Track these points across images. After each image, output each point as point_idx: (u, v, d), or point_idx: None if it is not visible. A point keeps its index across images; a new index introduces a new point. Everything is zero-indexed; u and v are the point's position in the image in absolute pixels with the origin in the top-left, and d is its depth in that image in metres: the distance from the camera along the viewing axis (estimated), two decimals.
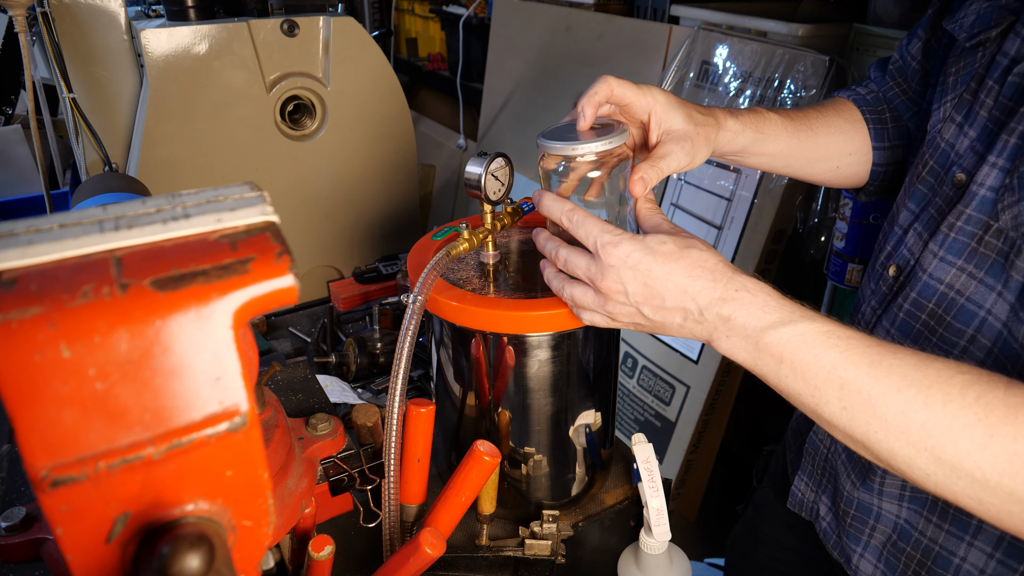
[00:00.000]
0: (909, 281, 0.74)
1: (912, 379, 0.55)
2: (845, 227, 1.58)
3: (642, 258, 0.64)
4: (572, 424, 0.85)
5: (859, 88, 0.95)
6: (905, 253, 0.76)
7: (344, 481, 0.71)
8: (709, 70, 1.83)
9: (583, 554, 0.90)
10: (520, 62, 2.49)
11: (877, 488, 0.78)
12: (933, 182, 0.75)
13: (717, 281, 0.62)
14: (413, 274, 0.81)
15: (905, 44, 0.91)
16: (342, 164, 1.73)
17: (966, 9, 0.75)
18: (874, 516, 0.79)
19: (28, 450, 0.31)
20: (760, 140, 0.83)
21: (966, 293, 0.68)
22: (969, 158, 0.70)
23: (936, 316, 0.71)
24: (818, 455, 0.89)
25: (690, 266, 0.63)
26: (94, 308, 0.30)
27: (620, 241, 0.65)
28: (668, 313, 0.64)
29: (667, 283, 0.63)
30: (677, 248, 0.64)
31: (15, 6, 1.33)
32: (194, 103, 1.51)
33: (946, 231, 0.70)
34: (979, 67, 0.72)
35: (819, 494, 0.88)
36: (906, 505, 0.76)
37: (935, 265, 0.71)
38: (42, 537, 0.55)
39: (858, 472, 0.80)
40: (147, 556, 0.33)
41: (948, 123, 0.74)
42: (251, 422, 0.35)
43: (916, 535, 0.75)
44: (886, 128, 0.91)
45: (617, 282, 0.65)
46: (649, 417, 2.01)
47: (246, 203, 0.37)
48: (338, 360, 1.20)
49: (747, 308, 0.61)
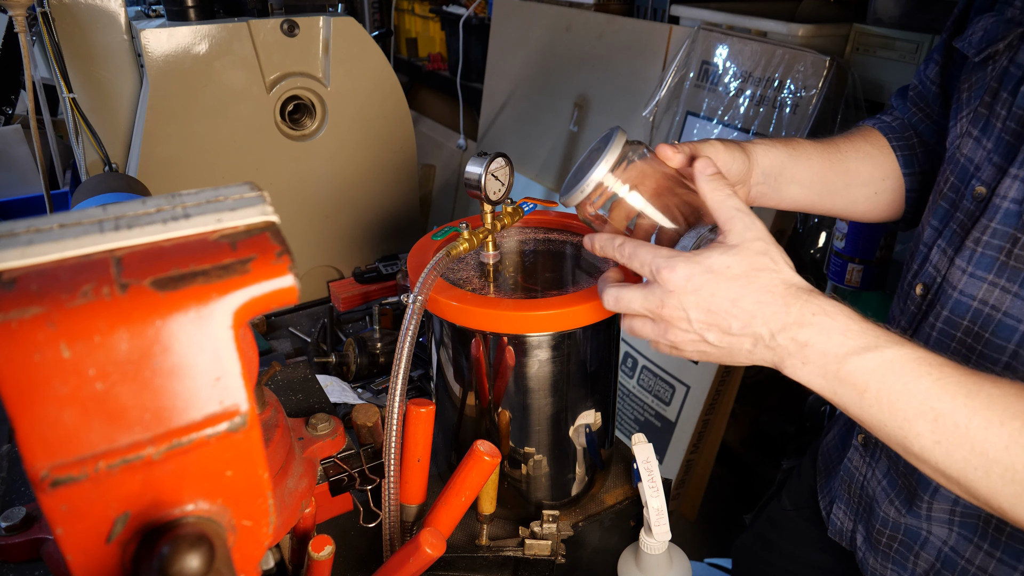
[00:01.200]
0: (939, 299, 0.73)
1: (1017, 411, 0.51)
2: (845, 227, 1.58)
3: (704, 282, 0.59)
4: (572, 424, 0.85)
5: (884, 116, 0.94)
6: (931, 271, 0.75)
7: (344, 481, 0.71)
8: (709, 70, 1.83)
9: (583, 554, 0.90)
10: (520, 62, 2.49)
11: (925, 513, 0.76)
12: (954, 197, 0.74)
13: (791, 305, 0.58)
14: (413, 274, 0.81)
15: (923, 69, 0.90)
16: (342, 164, 1.73)
17: (974, 26, 0.75)
18: (920, 543, 0.77)
19: (28, 450, 0.31)
20: (795, 156, 0.80)
21: (1002, 308, 0.66)
22: (988, 171, 0.69)
23: (973, 333, 0.69)
24: (854, 483, 0.87)
25: (758, 290, 0.58)
26: (94, 308, 0.30)
27: (676, 264, 0.60)
28: (736, 339, 0.60)
29: (733, 308, 0.59)
30: (743, 270, 0.59)
31: (15, 6, 1.33)
32: (194, 103, 1.51)
33: (972, 246, 0.69)
34: (991, 81, 0.72)
35: (856, 523, 0.87)
36: (956, 530, 0.74)
37: (965, 281, 0.69)
38: (42, 537, 0.55)
39: (903, 498, 0.78)
40: (147, 556, 0.33)
41: (966, 138, 0.73)
42: (251, 422, 0.35)
43: (963, 563, 0.73)
44: (915, 153, 0.89)
45: (678, 308, 0.60)
46: (649, 417, 2.01)
47: (246, 203, 0.37)
48: (338, 360, 1.20)
49: (827, 333, 0.56)
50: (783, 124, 1.67)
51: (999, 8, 0.73)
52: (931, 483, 0.73)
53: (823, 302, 0.58)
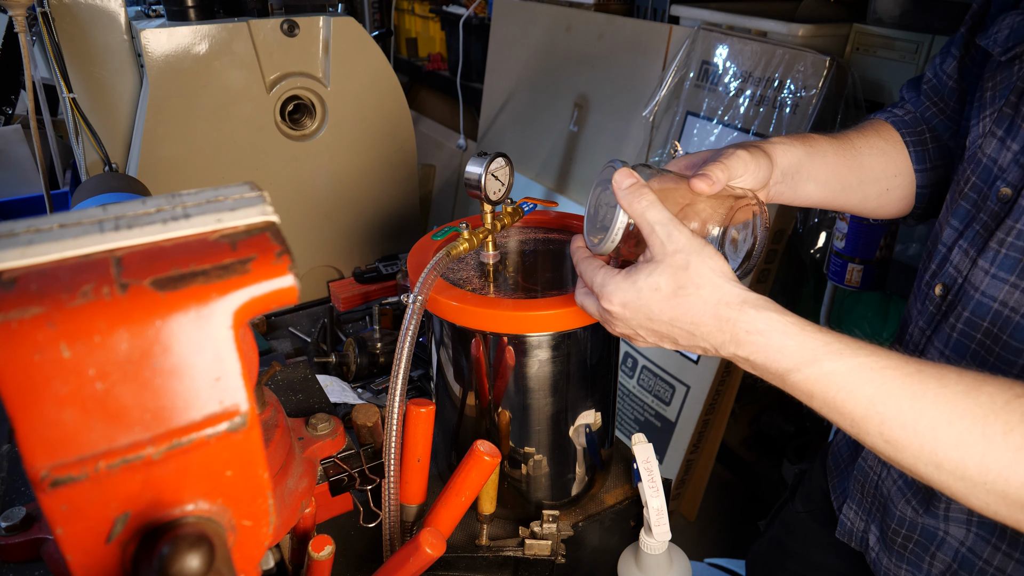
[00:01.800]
0: (960, 300, 0.72)
1: (963, 410, 0.52)
2: (845, 227, 1.58)
3: (640, 306, 0.62)
4: (572, 424, 0.85)
5: (896, 110, 0.93)
6: (951, 271, 0.74)
7: (344, 481, 0.71)
8: (709, 70, 1.83)
9: (583, 554, 0.90)
10: (520, 62, 2.49)
11: (943, 513, 0.75)
12: (976, 198, 0.73)
13: (723, 327, 0.59)
14: (413, 274, 0.81)
15: (939, 63, 0.89)
16: (342, 164, 1.73)
17: (999, 24, 0.74)
18: (937, 543, 0.77)
19: (28, 450, 0.31)
20: (812, 154, 0.80)
21: (1021, 310, 0.66)
22: (1014, 172, 0.69)
23: (992, 335, 0.69)
24: (868, 483, 0.86)
25: (688, 311, 0.60)
26: (94, 308, 0.30)
27: (611, 290, 0.63)
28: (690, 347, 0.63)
29: (673, 328, 0.61)
30: (670, 289, 0.60)
31: (15, 6, 1.33)
32: (194, 103, 1.51)
33: (996, 247, 0.68)
34: (1017, 80, 0.71)
35: (869, 523, 0.87)
36: (974, 530, 0.73)
37: (987, 283, 0.69)
38: (42, 537, 0.55)
39: (920, 498, 0.78)
40: (147, 556, 0.33)
41: (989, 138, 0.73)
42: (251, 422, 0.35)
43: (981, 564, 0.73)
44: (927, 149, 0.89)
45: (626, 327, 0.64)
46: (649, 417, 2.01)
47: (246, 203, 0.37)
48: (338, 360, 1.20)
49: (763, 351, 0.58)
50: (783, 124, 1.67)
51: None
52: None
53: (755, 319, 0.58)
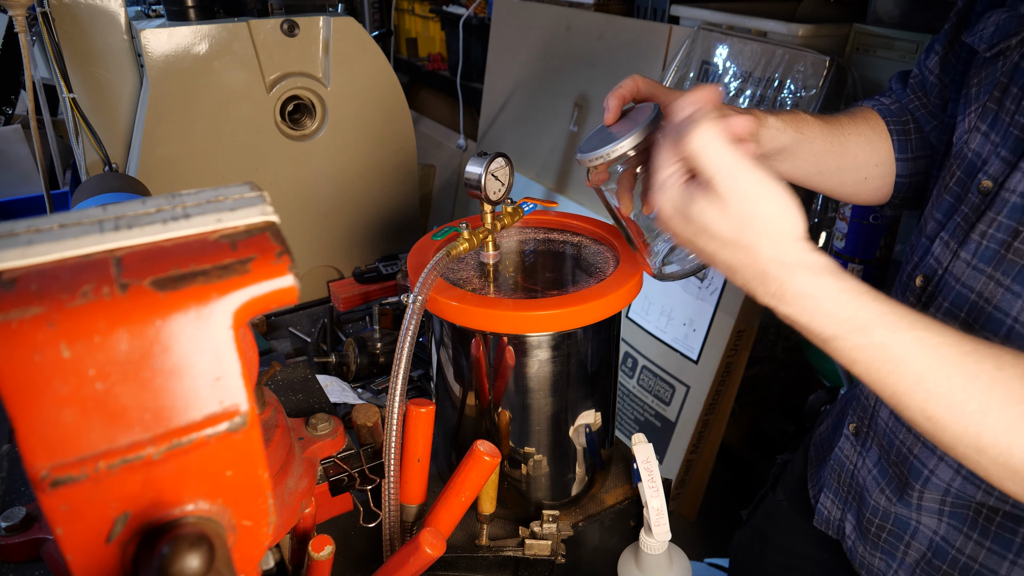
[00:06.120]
0: (940, 291, 0.73)
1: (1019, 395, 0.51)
2: (845, 227, 1.58)
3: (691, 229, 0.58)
4: (572, 424, 0.85)
5: (883, 98, 0.94)
6: (932, 263, 0.75)
7: (344, 481, 0.71)
8: (709, 70, 1.83)
9: (583, 554, 0.90)
10: (520, 62, 2.49)
11: (915, 503, 0.76)
12: (959, 191, 0.74)
13: (768, 284, 0.57)
14: (413, 274, 0.81)
15: (923, 59, 0.90)
16: (342, 164, 1.73)
17: (985, 21, 0.75)
18: (910, 532, 0.78)
19: (28, 450, 0.31)
20: (800, 141, 0.80)
21: (993, 301, 0.67)
22: (996, 165, 0.69)
23: (967, 325, 0.69)
24: (844, 472, 0.87)
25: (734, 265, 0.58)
26: (94, 308, 0.30)
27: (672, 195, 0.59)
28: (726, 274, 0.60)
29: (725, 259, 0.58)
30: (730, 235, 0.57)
31: (15, 6, 1.33)
32: (194, 103, 1.51)
33: (978, 239, 0.69)
34: (1001, 76, 0.72)
35: (845, 512, 0.87)
36: (946, 520, 0.74)
37: (967, 274, 0.69)
38: (42, 537, 0.55)
39: (894, 487, 0.79)
40: (147, 556, 0.33)
41: (974, 133, 0.73)
42: (251, 422, 0.35)
43: (953, 553, 0.74)
44: (909, 139, 0.90)
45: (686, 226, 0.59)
46: (649, 417, 2.01)
47: (246, 203, 0.37)
48: (338, 360, 1.20)
49: (808, 314, 0.56)
50: None
51: (1011, 3, 0.73)
52: (923, 473, 0.74)
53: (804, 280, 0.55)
